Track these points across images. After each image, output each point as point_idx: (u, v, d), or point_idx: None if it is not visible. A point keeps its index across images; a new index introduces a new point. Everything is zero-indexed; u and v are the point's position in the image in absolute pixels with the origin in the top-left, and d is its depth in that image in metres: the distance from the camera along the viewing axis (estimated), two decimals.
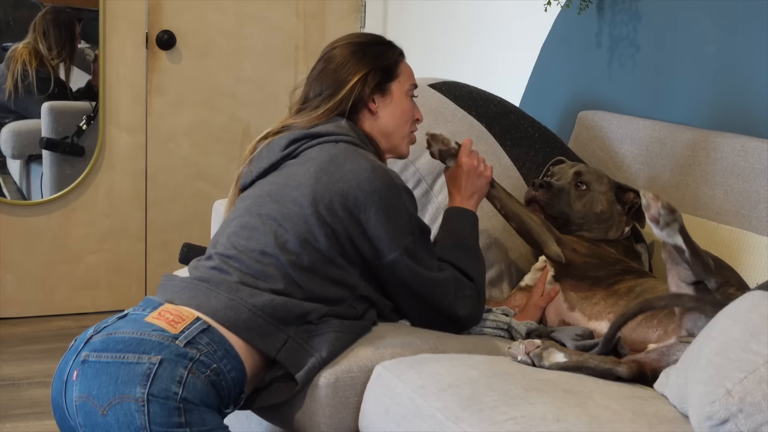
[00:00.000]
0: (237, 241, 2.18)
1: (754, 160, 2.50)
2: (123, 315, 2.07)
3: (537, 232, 2.45)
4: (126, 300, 4.26)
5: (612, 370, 2.05)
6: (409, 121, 2.37)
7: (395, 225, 2.17)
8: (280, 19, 4.33)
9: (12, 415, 3.20)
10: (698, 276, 2.10)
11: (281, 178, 2.23)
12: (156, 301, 2.09)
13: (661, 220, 2.03)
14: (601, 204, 2.57)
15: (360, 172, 2.16)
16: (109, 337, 1.99)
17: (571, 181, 2.58)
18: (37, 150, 4.15)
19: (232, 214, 2.28)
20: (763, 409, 1.61)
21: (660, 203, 2.03)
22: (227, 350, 2.01)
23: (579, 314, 2.38)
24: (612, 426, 1.80)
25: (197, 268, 2.20)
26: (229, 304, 2.06)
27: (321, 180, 2.17)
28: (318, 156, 2.21)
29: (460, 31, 3.86)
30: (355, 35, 2.42)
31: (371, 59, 2.31)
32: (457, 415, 1.88)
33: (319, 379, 2.09)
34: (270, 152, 2.29)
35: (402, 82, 2.35)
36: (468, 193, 2.38)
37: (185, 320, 2.01)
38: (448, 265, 2.26)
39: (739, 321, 1.75)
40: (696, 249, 2.08)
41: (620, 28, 3.09)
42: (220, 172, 4.28)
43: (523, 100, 3.50)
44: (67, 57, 4.17)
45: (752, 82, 2.67)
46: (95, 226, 4.19)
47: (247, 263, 2.13)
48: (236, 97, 4.31)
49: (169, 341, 1.96)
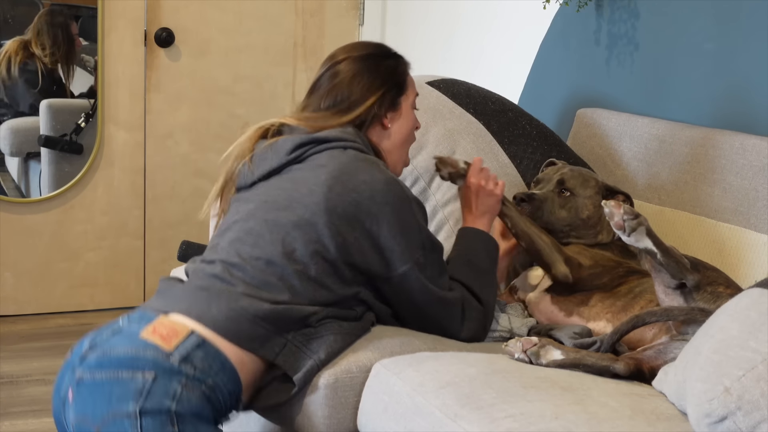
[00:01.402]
0: (241, 248, 2.13)
1: (753, 158, 2.50)
2: (117, 329, 2.04)
3: (546, 252, 2.40)
4: (125, 297, 4.27)
5: (609, 368, 2.06)
6: (412, 136, 2.36)
7: (407, 237, 2.14)
8: (278, 17, 4.33)
9: (11, 412, 3.20)
10: (675, 276, 2.12)
11: (288, 183, 2.18)
12: (151, 314, 2.05)
13: (626, 227, 2.05)
14: (587, 209, 2.53)
15: (374, 183, 2.13)
16: (104, 355, 1.98)
17: (554, 188, 2.55)
18: (35, 147, 4.15)
19: (233, 216, 2.22)
20: (762, 407, 1.61)
21: (622, 210, 2.05)
22: (222, 364, 2.00)
23: (577, 318, 2.37)
24: (610, 423, 1.80)
25: (197, 273, 2.16)
26: (230, 315, 2.03)
27: (334, 189, 2.12)
28: (329, 163, 2.17)
29: (458, 28, 3.86)
30: (362, 46, 2.37)
31: (386, 77, 2.29)
32: (456, 413, 1.88)
33: (319, 380, 2.09)
34: (274, 154, 2.23)
35: (409, 95, 2.33)
36: (479, 213, 2.36)
37: (179, 335, 1.99)
38: (458, 284, 2.24)
39: (738, 318, 1.75)
40: (667, 249, 2.09)
41: (619, 26, 3.08)
42: (218, 169, 4.27)
43: (521, 97, 3.50)
44: (62, 57, 4.17)
45: (751, 79, 2.67)
46: (94, 223, 4.19)
47: (251, 273, 2.10)
48: (235, 95, 4.31)
49: (164, 358, 1.95)
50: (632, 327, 2.11)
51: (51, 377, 3.48)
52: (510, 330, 2.34)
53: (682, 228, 2.60)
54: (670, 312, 2.09)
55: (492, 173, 2.40)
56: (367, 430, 2.07)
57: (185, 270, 2.23)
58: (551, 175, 2.60)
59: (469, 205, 2.38)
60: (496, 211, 2.39)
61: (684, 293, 2.13)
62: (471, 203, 2.37)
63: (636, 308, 2.29)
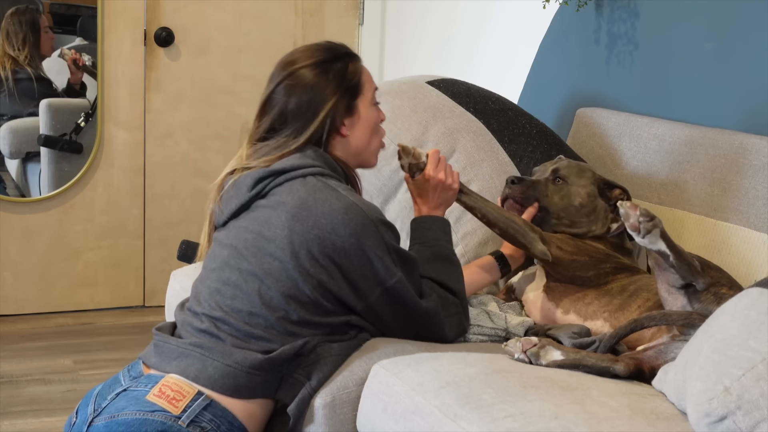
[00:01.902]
0: (222, 300, 2.12)
1: (753, 157, 2.50)
2: (121, 388, 2.04)
3: (521, 233, 2.39)
4: (124, 297, 4.27)
5: (609, 368, 2.05)
6: (378, 131, 2.29)
7: (379, 263, 2.12)
8: (278, 16, 4.33)
9: (11, 412, 3.20)
10: (685, 279, 2.11)
11: (255, 224, 2.15)
12: (156, 376, 2.06)
13: (642, 228, 2.04)
14: (581, 197, 2.53)
15: (333, 215, 2.09)
16: (111, 421, 1.99)
17: (549, 176, 2.56)
18: (35, 147, 4.15)
19: (210, 262, 2.21)
20: (761, 406, 1.61)
21: (638, 211, 2.03)
22: (231, 423, 2.01)
23: (574, 316, 2.37)
24: (610, 423, 1.80)
25: (186, 328, 2.15)
26: (225, 372, 2.04)
27: (295, 229, 2.09)
28: (288, 199, 2.12)
29: (458, 27, 3.86)
30: (310, 52, 2.24)
31: (337, 84, 2.19)
32: (456, 413, 1.88)
33: (315, 401, 2.08)
34: (237, 192, 2.20)
35: (365, 93, 2.24)
36: (435, 205, 2.34)
37: (186, 397, 2.00)
38: (431, 284, 2.22)
39: (738, 318, 1.75)
40: (680, 252, 2.09)
41: (618, 25, 3.08)
42: (218, 169, 4.20)
43: (521, 97, 3.50)
44: (35, 55, 4.15)
45: (750, 79, 2.67)
46: (93, 223, 4.19)
47: (237, 326, 2.09)
48: (234, 94, 4.30)
49: (172, 421, 1.96)
50: (630, 331, 2.11)
51: (51, 376, 3.49)
52: (506, 329, 2.34)
53: (682, 227, 2.60)
54: (669, 317, 2.08)
55: (449, 163, 2.37)
56: (367, 430, 2.07)
57: (175, 318, 2.22)
58: (548, 166, 2.61)
59: (425, 196, 2.34)
60: (451, 202, 2.38)
61: (688, 293, 2.13)
62: (428, 195, 2.34)
63: (633, 307, 2.29)
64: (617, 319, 2.29)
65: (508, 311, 2.43)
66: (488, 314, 2.36)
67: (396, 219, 2.67)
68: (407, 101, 2.83)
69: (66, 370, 3.55)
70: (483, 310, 2.37)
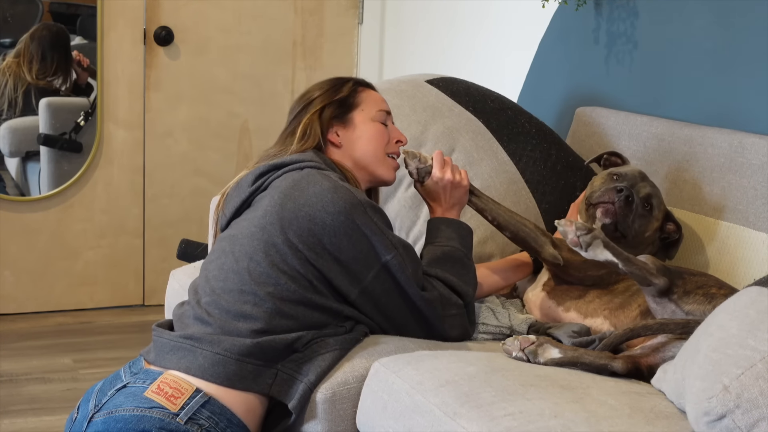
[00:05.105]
0: (215, 284, 2.16)
1: (752, 156, 2.51)
2: (121, 384, 2.05)
3: (532, 236, 2.39)
4: (124, 295, 4.27)
5: (607, 366, 2.06)
6: (382, 144, 2.34)
7: (373, 237, 2.14)
8: (277, 15, 4.33)
9: (10, 411, 3.20)
10: (643, 282, 2.13)
11: (252, 212, 2.22)
12: (155, 372, 2.07)
13: (582, 242, 2.06)
14: (652, 230, 2.47)
15: (323, 194, 2.13)
16: (110, 417, 1.99)
17: (641, 199, 2.46)
18: (34, 146, 4.15)
19: (210, 256, 2.26)
20: (760, 405, 1.62)
21: (574, 227, 2.05)
22: (229, 420, 2.01)
23: (575, 313, 2.37)
24: (610, 421, 1.80)
25: (182, 319, 2.18)
26: (215, 360, 2.04)
27: (286, 206, 2.14)
28: (282, 183, 2.20)
29: (458, 26, 3.86)
30: (323, 81, 2.43)
31: (327, 95, 2.35)
32: (455, 411, 1.88)
33: (316, 396, 2.08)
34: (239, 190, 2.29)
35: (365, 110, 2.34)
36: (449, 206, 2.36)
37: (184, 394, 2.00)
38: (434, 280, 2.22)
39: (737, 317, 1.76)
40: (628, 258, 2.11)
41: (618, 25, 3.09)
42: (217, 168, 4.28)
43: (521, 96, 3.50)
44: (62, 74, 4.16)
45: (749, 78, 2.68)
46: (93, 222, 4.19)
47: (226, 307, 2.11)
48: (234, 93, 4.31)
49: (170, 418, 1.96)
50: (627, 338, 2.11)
51: (50, 375, 3.49)
52: (510, 327, 2.34)
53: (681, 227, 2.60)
54: (666, 326, 2.08)
55: (454, 163, 2.39)
56: (367, 428, 2.07)
57: (173, 315, 2.24)
58: (638, 182, 2.48)
59: (438, 199, 2.36)
60: (465, 201, 2.39)
61: (673, 299, 2.14)
62: (440, 197, 2.35)
63: (633, 306, 2.29)
64: (617, 317, 2.29)
65: (510, 308, 2.44)
66: (493, 311, 2.36)
67: (396, 218, 2.68)
68: (406, 100, 2.83)
69: (66, 369, 3.56)
70: (487, 307, 2.37)
